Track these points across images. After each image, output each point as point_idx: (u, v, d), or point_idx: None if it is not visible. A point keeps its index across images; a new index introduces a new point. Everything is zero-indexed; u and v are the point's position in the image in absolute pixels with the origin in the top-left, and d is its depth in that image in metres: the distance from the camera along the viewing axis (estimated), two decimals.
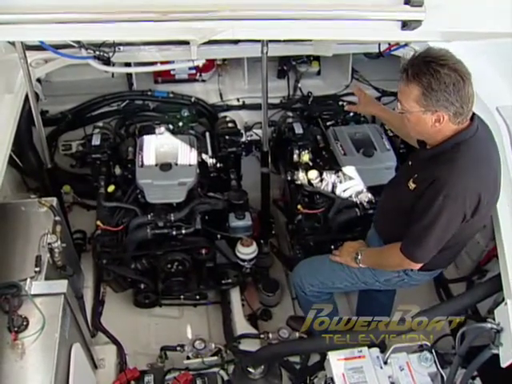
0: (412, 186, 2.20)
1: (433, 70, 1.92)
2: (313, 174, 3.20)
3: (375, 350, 2.32)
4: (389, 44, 3.20)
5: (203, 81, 3.95)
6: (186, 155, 3.23)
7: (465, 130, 2.07)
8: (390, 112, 2.78)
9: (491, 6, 1.88)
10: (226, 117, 3.74)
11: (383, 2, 1.79)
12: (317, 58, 3.92)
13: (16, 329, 2.01)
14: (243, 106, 3.86)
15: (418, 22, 1.81)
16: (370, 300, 2.86)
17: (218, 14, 1.72)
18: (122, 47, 3.13)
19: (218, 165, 3.41)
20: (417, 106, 2.01)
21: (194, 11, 1.72)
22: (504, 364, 2.08)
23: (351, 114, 3.75)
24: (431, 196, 2.07)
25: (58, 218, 2.63)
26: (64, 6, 1.66)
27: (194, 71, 3.86)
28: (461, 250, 2.52)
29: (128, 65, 3.50)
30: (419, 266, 2.29)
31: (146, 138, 3.33)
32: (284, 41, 3.15)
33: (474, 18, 1.90)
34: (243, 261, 3.15)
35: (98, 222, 3.06)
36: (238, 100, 3.87)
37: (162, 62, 3.39)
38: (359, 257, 2.51)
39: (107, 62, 3.09)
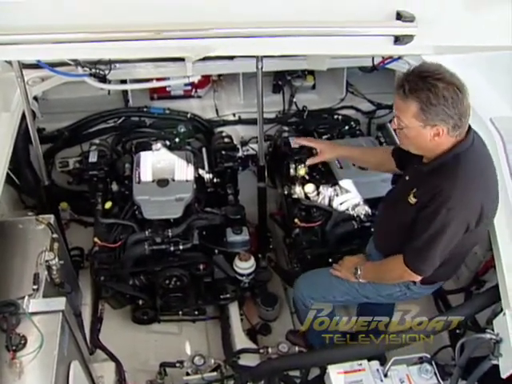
0: (413, 200, 2.19)
1: (430, 85, 1.94)
2: (309, 187, 3.22)
3: (375, 363, 2.31)
4: (382, 58, 3.23)
5: (199, 97, 3.97)
6: (183, 171, 3.23)
7: (463, 141, 2.08)
8: (353, 148, 2.92)
9: (482, 20, 1.91)
10: (222, 132, 3.76)
11: (376, 18, 1.82)
12: (311, 73, 3.95)
13: (14, 347, 1.99)
14: (239, 121, 3.87)
15: (410, 37, 1.84)
16: (369, 312, 2.85)
17: (213, 31, 1.74)
18: (117, 64, 3.16)
19: (215, 180, 3.42)
20: (415, 122, 2.02)
21: (189, 29, 1.74)
22: (504, 375, 2.07)
23: (346, 127, 3.79)
24: (434, 209, 2.07)
25: (55, 236, 2.63)
26: (60, 25, 1.68)
27: (189, 87, 3.88)
28: (461, 262, 2.52)
29: (124, 82, 3.51)
30: (420, 277, 2.29)
31: (143, 155, 3.34)
32: (279, 56, 3.18)
33: (464, 31, 1.93)
34: (241, 275, 3.14)
35: (96, 239, 3.05)
36: (233, 115, 3.89)
37: (158, 79, 3.42)
38: (359, 272, 2.51)
39: (103, 79, 3.11)
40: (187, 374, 2.90)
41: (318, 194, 3.20)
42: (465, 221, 2.09)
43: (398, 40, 1.86)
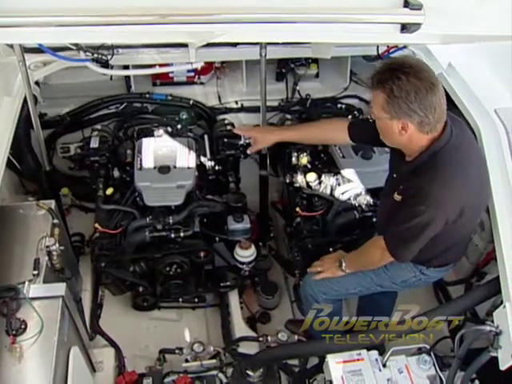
0: (398, 197, 2.23)
1: (395, 77, 1.97)
2: (311, 176, 3.20)
3: (374, 353, 2.32)
4: (387, 46, 3.20)
5: (202, 83, 3.94)
6: (185, 158, 3.22)
7: (437, 140, 2.10)
8: (289, 131, 2.96)
9: (490, 9, 1.89)
10: (224, 119, 3.73)
11: (382, 5, 1.80)
12: (315, 61, 3.91)
13: (14, 332, 2.00)
14: (242, 109, 3.84)
15: (417, 25, 1.82)
16: (371, 303, 2.85)
17: (217, 17, 1.72)
18: (120, 50, 3.13)
19: (217, 167, 3.40)
20: (383, 113, 2.06)
21: (193, 14, 1.72)
22: (503, 367, 2.08)
23: (349, 116, 3.76)
24: (414, 206, 2.11)
25: (56, 221, 2.63)
26: (63, 8, 1.66)
27: (192, 74, 3.84)
28: (469, 242, 2.60)
29: (126, 67, 3.50)
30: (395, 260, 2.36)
31: (145, 141, 3.32)
32: (283, 43, 3.16)
33: (472, 20, 1.90)
34: (242, 263, 3.14)
35: (97, 225, 3.05)
36: (236, 102, 3.86)
37: (161, 65, 3.39)
38: (343, 264, 2.56)
39: (105, 64, 3.09)
40: (186, 361, 2.91)
41: (320, 183, 3.19)
42: (442, 217, 2.12)
43: (404, 28, 1.85)
